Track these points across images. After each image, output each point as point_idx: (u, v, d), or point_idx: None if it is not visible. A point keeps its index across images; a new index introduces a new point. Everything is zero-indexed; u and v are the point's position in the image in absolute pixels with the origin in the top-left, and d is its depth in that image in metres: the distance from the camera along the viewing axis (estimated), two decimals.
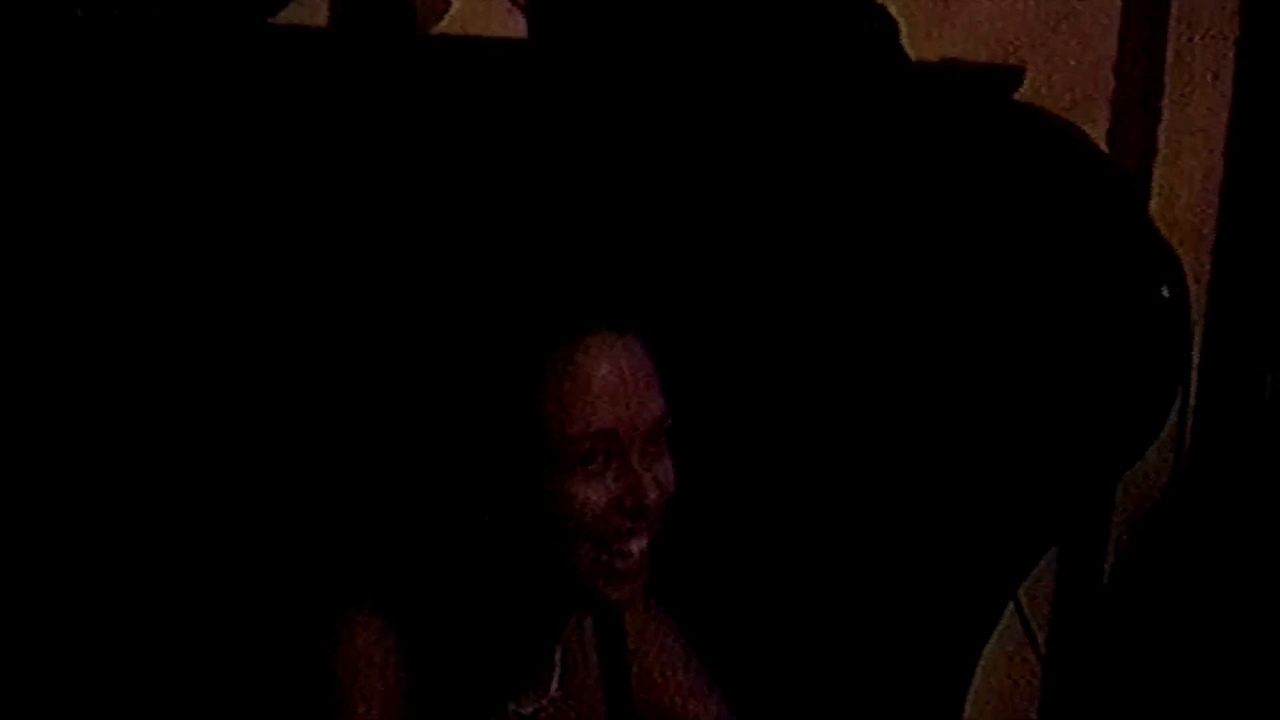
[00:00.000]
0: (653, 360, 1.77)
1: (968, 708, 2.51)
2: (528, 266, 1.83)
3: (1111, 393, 2.33)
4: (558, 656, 1.86)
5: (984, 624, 2.49)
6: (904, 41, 2.34)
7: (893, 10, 2.32)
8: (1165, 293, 2.33)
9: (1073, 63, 2.50)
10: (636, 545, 1.76)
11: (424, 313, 1.85)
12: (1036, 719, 2.60)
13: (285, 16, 2.20)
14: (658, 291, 2.04)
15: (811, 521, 2.39)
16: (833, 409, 2.34)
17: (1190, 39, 2.50)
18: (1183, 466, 2.56)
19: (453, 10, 2.26)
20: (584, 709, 1.88)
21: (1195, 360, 2.49)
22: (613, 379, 1.73)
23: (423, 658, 1.78)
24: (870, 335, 2.32)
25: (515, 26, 2.27)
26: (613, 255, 2.12)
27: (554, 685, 1.85)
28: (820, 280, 2.31)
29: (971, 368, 2.32)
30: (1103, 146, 2.44)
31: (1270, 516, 2.51)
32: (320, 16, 2.24)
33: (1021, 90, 2.41)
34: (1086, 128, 2.39)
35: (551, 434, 1.72)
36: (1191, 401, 2.49)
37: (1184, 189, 2.48)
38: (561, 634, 1.86)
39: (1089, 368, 2.32)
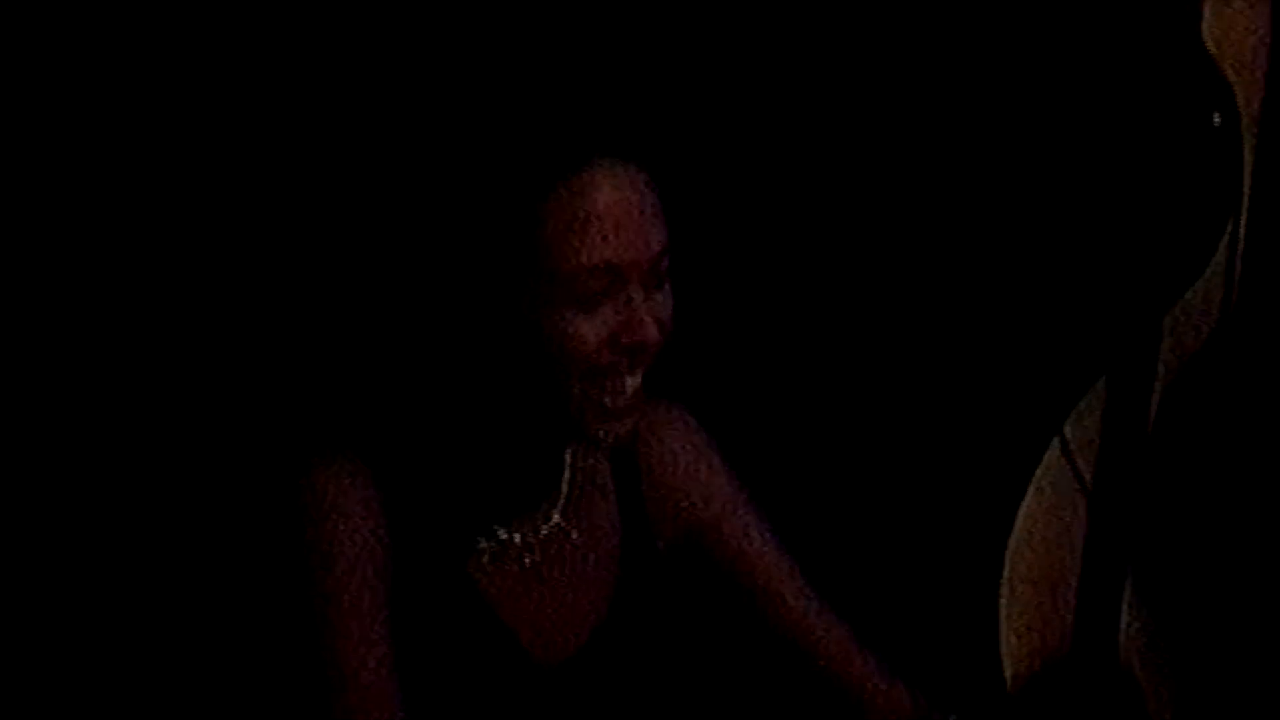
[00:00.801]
0: (656, 191, 1.73)
1: (1011, 544, 2.50)
2: (530, 95, 1.77)
3: (1160, 221, 2.30)
4: (564, 483, 1.83)
5: (1028, 459, 2.47)
6: None
7: None
8: (1216, 119, 2.30)
9: None
10: (631, 382, 1.73)
11: (424, 143, 1.80)
12: (1080, 557, 2.57)
13: None
14: (663, 119, 2.00)
15: (846, 351, 2.38)
16: (870, 235, 2.32)
17: None
18: (1231, 303, 2.52)
19: None
20: (592, 536, 1.85)
21: (1246, 192, 2.44)
22: (616, 211, 1.68)
23: (406, 488, 1.76)
24: (912, 157, 2.30)
25: None
26: (616, 82, 2.08)
27: (555, 514, 1.83)
28: (854, 101, 2.28)
29: (1018, 194, 2.30)
30: None
31: None
32: None
33: None
34: None
35: (551, 266, 1.68)
36: (1241, 235, 2.45)
37: (1236, 13, 2.43)
38: (564, 462, 1.83)
39: (1138, 196, 2.29)
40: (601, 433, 1.74)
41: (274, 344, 2.23)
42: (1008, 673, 2.50)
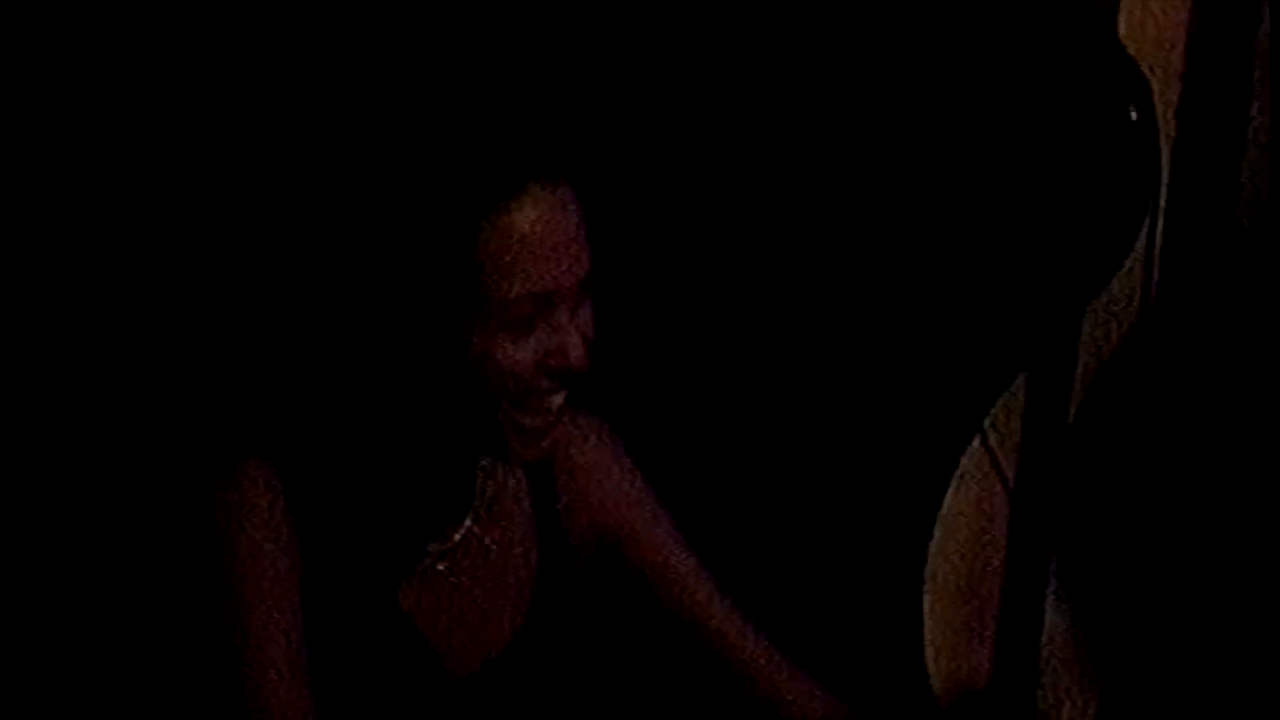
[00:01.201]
0: (581, 210, 1.71)
1: (934, 541, 2.50)
2: (459, 117, 1.74)
3: (1079, 216, 2.30)
4: (478, 491, 1.82)
5: (950, 457, 2.47)
6: None
7: None
8: (1133, 114, 2.30)
9: None
10: (555, 402, 1.72)
11: (354, 165, 1.76)
12: (1004, 553, 2.57)
13: None
14: (589, 136, 2.00)
15: (768, 352, 2.38)
16: (787, 233, 2.32)
17: None
18: (1150, 298, 2.53)
19: None
20: (507, 543, 1.84)
21: (1163, 187, 2.45)
22: (550, 239, 1.67)
23: (320, 498, 1.75)
24: (829, 154, 2.30)
25: None
26: (543, 101, 2.07)
27: (468, 521, 1.82)
28: (776, 101, 2.29)
29: (936, 190, 2.30)
30: None
31: (1237, 347, 2.49)
32: None
33: None
34: None
35: (482, 292, 1.66)
36: (1159, 230, 2.46)
37: (1152, 10, 2.44)
38: (477, 473, 1.82)
39: (1056, 191, 2.29)
40: (522, 452, 1.74)
41: (194, 349, 2.21)
42: (931, 671, 2.50)
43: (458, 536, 1.81)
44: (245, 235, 2.15)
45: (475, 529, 1.82)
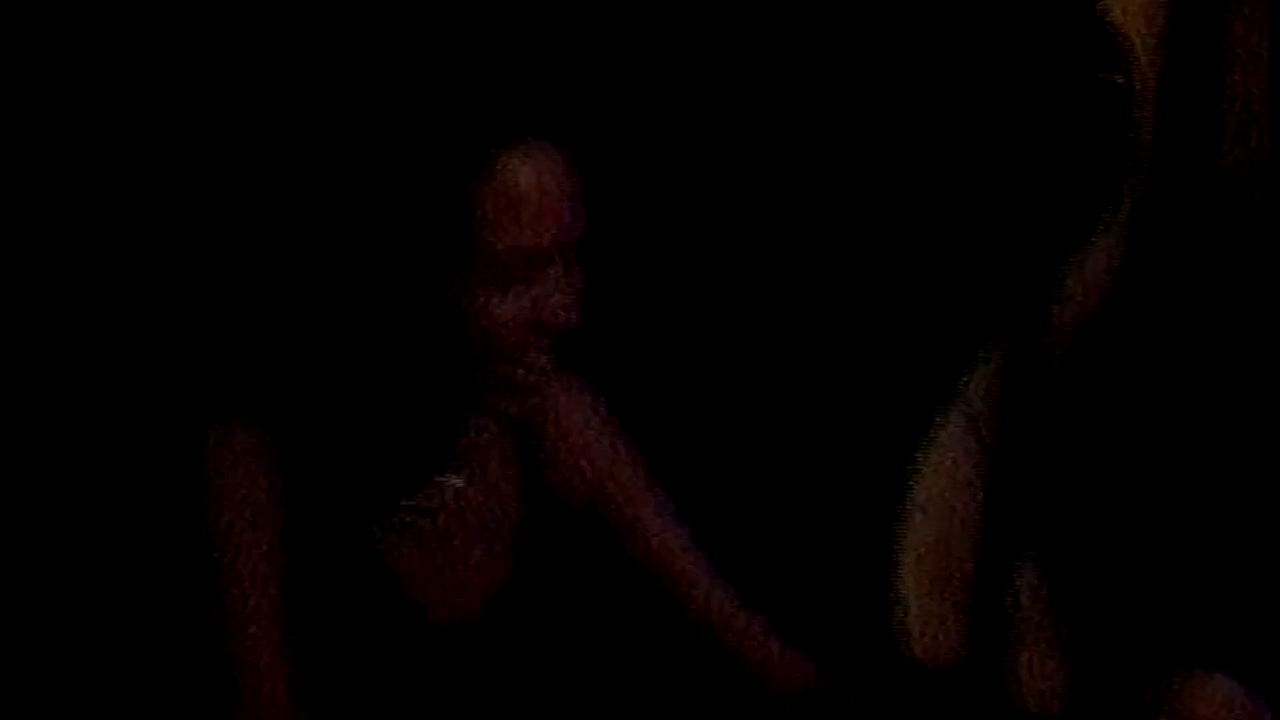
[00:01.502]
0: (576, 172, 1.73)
1: (909, 508, 2.50)
2: (460, 75, 1.76)
3: (1059, 179, 2.31)
4: (461, 445, 1.83)
5: (926, 424, 2.47)
6: None
7: None
8: (1119, 80, 2.30)
9: None
10: (542, 358, 1.74)
11: (354, 116, 1.77)
12: (979, 517, 2.58)
13: None
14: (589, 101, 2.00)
15: (742, 320, 2.38)
16: (778, 197, 2.32)
17: None
18: (1130, 262, 2.53)
19: None
20: (492, 500, 1.85)
21: (1143, 154, 2.45)
22: (544, 196, 1.69)
23: (306, 453, 1.75)
24: (816, 118, 2.30)
25: None
26: (542, 60, 2.08)
27: (454, 477, 1.83)
28: (763, 62, 2.28)
29: (915, 151, 2.30)
30: None
31: (1217, 315, 2.49)
32: None
33: None
34: None
35: (477, 246, 1.69)
36: (1139, 196, 2.45)
37: None
38: (461, 427, 1.83)
39: (1038, 154, 2.30)
40: (506, 407, 1.76)
41: (176, 303, 2.21)
42: (905, 636, 2.51)
43: (440, 490, 1.82)
44: (233, 184, 2.14)
45: (458, 483, 1.83)
